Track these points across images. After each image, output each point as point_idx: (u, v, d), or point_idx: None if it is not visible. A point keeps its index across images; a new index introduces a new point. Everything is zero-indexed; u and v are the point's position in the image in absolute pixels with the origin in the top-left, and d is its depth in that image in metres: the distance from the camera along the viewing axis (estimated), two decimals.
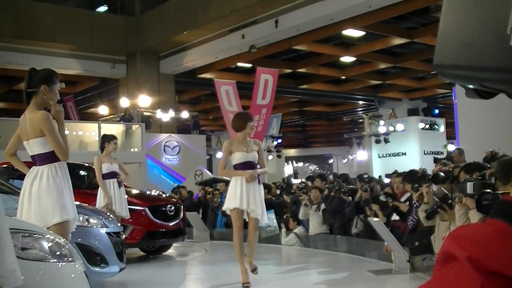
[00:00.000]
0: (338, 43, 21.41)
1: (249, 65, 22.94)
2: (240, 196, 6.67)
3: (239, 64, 22.91)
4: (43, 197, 4.61)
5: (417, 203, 7.38)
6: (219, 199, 13.08)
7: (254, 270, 6.80)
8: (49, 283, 2.83)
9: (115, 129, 19.48)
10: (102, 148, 8.83)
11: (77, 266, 3.09)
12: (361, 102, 31.59)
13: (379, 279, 7.13)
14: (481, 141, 11.57)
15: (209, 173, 21.75)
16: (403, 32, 19.72)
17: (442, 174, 5.80)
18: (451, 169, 5.94)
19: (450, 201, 5.33)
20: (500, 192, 2.19)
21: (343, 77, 26.14)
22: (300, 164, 39.46)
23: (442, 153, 25.31)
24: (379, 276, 7.24)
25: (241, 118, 7.06)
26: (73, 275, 3.03)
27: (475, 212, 4.39)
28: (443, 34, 1.05)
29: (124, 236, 6.91)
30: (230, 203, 6.81)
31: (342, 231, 10.02)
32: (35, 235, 2.94)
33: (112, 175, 8.60)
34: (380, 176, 19.29)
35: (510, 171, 2.95)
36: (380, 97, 30.18)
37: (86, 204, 6.84)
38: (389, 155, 25.88)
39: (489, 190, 2.22)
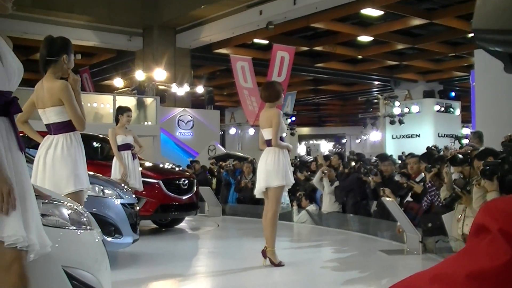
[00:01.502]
0: (356, 22, 21.23)
1: (266, 42, 22.83)
2: (289, 171, 6.46)
3: (256, 40, 22.80)
4: (57, 166, 4.62)
5: (429, 184, 7.37)
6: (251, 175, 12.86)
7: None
8: (68, 250, 2.86)
9: (130, 101, 19.50)
10: (116, 120, 8.85)
11: (95, 234, 3.11)
12: (376, 83, 31.41)
13: (391, 259, 7.14)
14: (498, 125, 11.47)
15: (223, 148, 21.80)
16: (422, 12, 19.50)
17: (460, 156, 5.77)
18: (469, 151, 5.91)
19: (468, 188, 5.30)
20: None
21: (360, 57, 25.96)
22: (313, 141, 39.36)
23: (458, 136, 25.18)
24: (391, 256, 7.24)
25: (278, 88, 6.68)
26: (91, 243, 3.06)
27: (493, 194, 4.38)
28: None
29: (138, 208, 6.95)
30: (286, 178, 6.38)
31: (354, 210, 10.02)
32: (55, 202, 2.95)
33: (126, 147, 8.61)
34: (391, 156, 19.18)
35: None
36: (396, 78, 29.98)
37: (101, 175, 6.87)
38: (403, 136, 25.74)
39: None
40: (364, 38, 22.79)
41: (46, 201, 2.90)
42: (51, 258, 2.70)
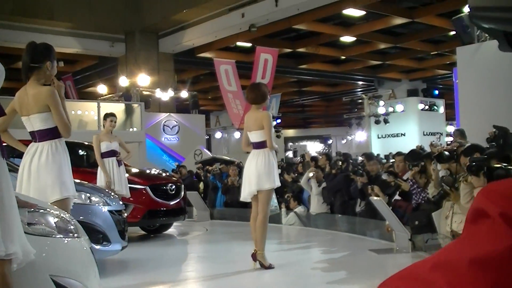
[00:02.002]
0: (338, 23, 21.30)
1: (249, 45, 22.83)
2: (277, 173, 6.47)
3: (239, 43, 22.80)
4: (42, 174, 4.56)
5: (411, 182, 7.41)
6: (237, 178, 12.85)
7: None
8: (55, 259, 2.81)
9: (115, 108, 19.39)
10: (104, 125, 8.81)
11: (83, 242, 3.06)
12: (360, 83, 31.53)
13: (381, 257, 7.14)
14: (482, 121, 11.52)
15: (209, 152, 21.74)
16: (403, 11, 19.61)
17: (446, 153, 5.78)
18: (455, 148, 5.92)
19: (456, 185, 5.31)
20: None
21: (343, 57, 26.05)
22: (298, 143, 39.39)
23: (441, 134, 25.32)
24: (381, 255, 7.24)
25: (264, 89, 6.62)
26: (79, 251, 3.01)
27: (479, 190, 4.38)
28: None
29: (125, 214, 6.89)
30: (277, 180, 6.41)
31: (342, 210, 10.03)
32: (41, 210, 2.91)
33: (111, 153, 8.54)
34: (378, 155, 19.26)
35: None
36: (380, 77, 30.12)
37: (87, 182, 6.81)
38: (388, 135, 25.85)
39: (500, 165, 2.20)
40: (347, 39, 22.87)
41: (32, 209, 2.85)
42: (38, 267, 2.66)
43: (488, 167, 4.18)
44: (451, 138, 25.40)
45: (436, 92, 30.45)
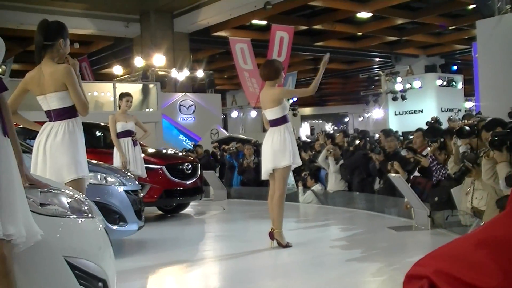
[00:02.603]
0: None
1: (264, 22, 22.66)
2: (296, 150, 6.37)
3: (254, 21, 22.63)
4: (59, 153, 4.52)
5: (431, 159, 7.30)
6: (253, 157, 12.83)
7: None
8: (69, 239, 2.77)
9: (130, 88, 19.38)
10: (119, 106, 8.78)
11: (97, 222, 3.02)
12: (377, 59, 31.22)
13: (400, 235, 7.06)
14: (503, 96, 11.35)
15: (225, 132, 21.72)
16: None
17: (467, 128, 5.66)
18: (476, 123, 5.80)
19: (478, 162, 5.19)
20: None
21: (360, 34, 25.77)
22: (316, 121, 39.26)
23: (459, 110, 25.04)
24: (400, 232, 7.16)
25: (278, 66, 6.52)
26: (93, 232, 2.97)
27: (502, 165, 4.28)
28: None
29: (142, 194, 6.87)
30: (294, 158, 6.29)
31: (360, 187, 9.95)
32: (54, 191, 2.86)
33: (126, 133, 8.50)
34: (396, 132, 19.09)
35: None
36: (397, 53, 29.78)
37: (103, 163, 6.78)
38: (406, 112, 25.61)
39: None
40: (363, 14, 22.59)
41: (45, 190, 2.81)
42: (52, 248, 2.62)
43: (511, 141, 4.07)
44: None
45: (455, 67, 30.10)
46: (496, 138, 4.26)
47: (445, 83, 25.70)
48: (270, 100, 6.29)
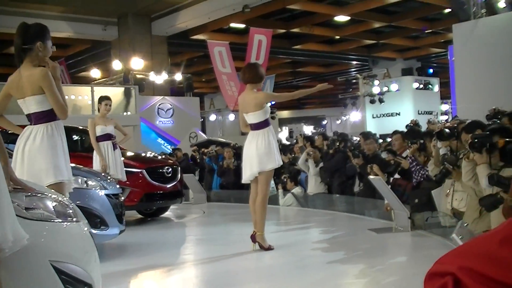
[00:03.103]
0: (332, 2, 21.17)
1: (243, 26, 22.67)
2: (278, 152, 6.41)
3: (232, 24, 22.64)
4: (36, 157, 4.48)
5: (410, 160, 7.37)
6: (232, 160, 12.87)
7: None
8: (55, 244, 2.74)
9: (108, 92, 19.22)
10: (99, 109, 8.73)
11: (82, 226, 3.00)
12: (354, 62, 31.42)
13: (380, 237, 7.11)
14: (480, 99, 11.49)
15: (204, 135, 21.68)
16: None
17: (447, 130, 5.72)
18: (456, 125, 5.87)
19: (458, 164, 5.25)
20: None
21: (337, 37, 25.92)
22: (294, 124, 39.33)
23: (435, 113, 25.31)
24: (380, 234, 7.21)
25: (259, 69, 6.52)
26: (79, 236, 2.95)
27: (482, 167, 4.34)
28: None
29: (122, 198, 6.83)
30: (279, 160, 6.34)
31: (340, 190, 9.99)
32: (39, 195, 2.84)
33: (106, 137, 8.46)
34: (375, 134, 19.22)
35: None
36: (374, 57, 30.01)
37: (83, 166, 6.73)
38: (383, 115, 25.83)
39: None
40: (341, 18, 22.73)
41: (30, 194, 2.78)
42: (37, 252, 2.59)
43: (491, 143, 4.13)
44: (445, 117, 25.45)
45: (431, 70, 30.41)
46: (476, 140, 4.31)
47: (421, 86, 25.99)
48: (253, 104, 6.28)
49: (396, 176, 7.87)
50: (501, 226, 0.74)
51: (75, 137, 10.46)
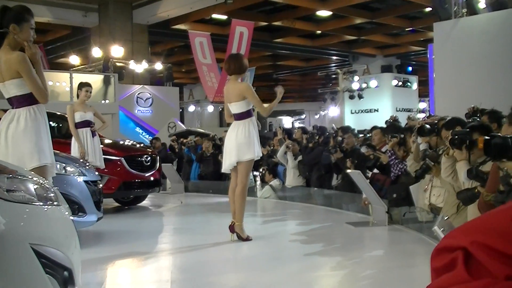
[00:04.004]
0: None
1: (225, 17, 22.60)
2: (259, 144, 6.41)
3: (214, 15, 22.56)
4: (20, 141, 4.44)
5: (390, 153, 7.43)
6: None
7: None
8: (35, 227, 2.71)
9: (87, 79, 19.02)
10: (77, 96, 8.64)
11: (63, 210, 2.97)
12: (335, 58, 31.53)
13: (358, 230, 7.16)
14: (458, 97, 11.60)
15: (182, 125, 21.59)
16: None
17: (427, 126, 5.77)
18: (436, 121, 5.92)
19: (439, 160, 5.30)
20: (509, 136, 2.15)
21: (319, 32, 25.95)
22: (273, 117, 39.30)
23: (414, 110, 25.50)
24: (358, 228, 7.26)
25: (243, 59, 6.54)
26: (60, 220, 2.92)
27: (462, 163, 4.38)
28: None
29: (101, 185, 6.78)
30: (258, 151, 6.36)
31: (319, 183, 10.04)
32: (20, 177, 2.81)
33: (85, 124, 8.39)
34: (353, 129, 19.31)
35: None
36: (355, 53, 30.15)
37: (62, 152, 6.67)
38: (362, 111, 25.92)
39: (498, 134, 2.17)
40: (323, 13, 22.77)
41: (11, 175, 2.75)
42: (18, 235, 2.57)
43: (470, 140, 4.17)
44: (423, 115, 25.67)
45: (410, 68, 30.62)
46: (456, 137, 4.35)
47: (400, 83, 26.13)
48: (236, 94, 6.30)
49: (375, 171, 7.92)
50: (510, 204, 0.74)
51: (53, 123, 10.34)
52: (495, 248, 0.68)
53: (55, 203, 2.92)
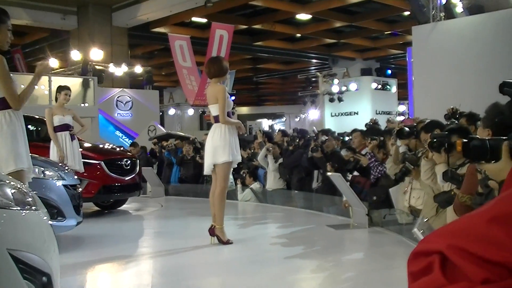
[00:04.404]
0: (294, 0, 21.22)
1: (205, 20, 22.58)
2: (236, 148, 6.37)
3: (194, 18, 22.52)
4: None
5: (370, 155, 7.47)
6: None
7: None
8: (13, 232, 2.68)
9: (66, 82, 18.88)
10: (56, 99, 8.57)
11: (41, 215, 2.94)
12: (314, 61, 31.63)
13: (338, 233, 7.18)
14: (436, 100, 11.70)
15: (163, 128, 21.51)
16: None
17: (407, 129, 5.81)
18: (415, 124, 5.96)
19: (418, 163, 5.34)
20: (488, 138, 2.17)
21: (298, 35, 26.03)
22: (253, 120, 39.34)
23: (394, 113, 25.66)
24: (338, 230, 7.28)
25: (224, 62, 6.49)
26: (38, 224, 2.89)
27: (441, 166, 4.42)
28: None
29: (80, 189, 6.73)
30: (233, 154, 6.28)
31: (299, 186, 10.05)
32: None
33: (64, 127, 8.34)
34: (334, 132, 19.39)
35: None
36: (334, 56, 30.27)
37: (40, 156, 6.60)
38: (342, 114, 26.03)
39: (476, 136, 2.20)
40: (303, 16, 22.84)
41: None
42: None
43: (449, 143, 4.21)
44: (402, 117, 25.85)
45: (389, 71, 30.81)
46: (435, 140, 4.39)
47: (380, 86, 26.28)
48: (214, 96, 6.30)
49: (355, 173, 7.96)
50: (488, 206, 0.75)
51: (32, 127, 10.24)
52: (471, 251, 0.69)
53: (33, 207, 2.89)
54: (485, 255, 0.68)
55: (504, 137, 2.21)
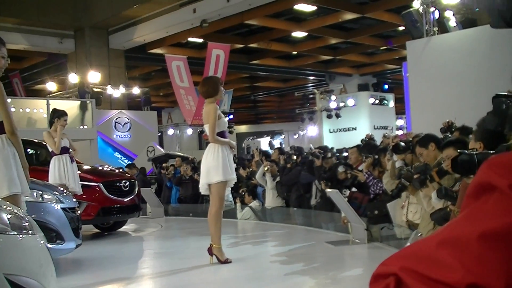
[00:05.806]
0: (290, 18, 21.39)
1: (201, 40, 22.71)
2: (230, 167, 6.38)
3: (191, 39, 22.66)
4: None
5: (367, 174, 7.50)
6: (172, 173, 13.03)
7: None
8: (10, 257, 2.70)
9: (64, 105, 18.99)
10: (51, 123, 8.57)
11: (38, 239, 2.96)
12: (311, 78, 31.77)
13: (337, 249, 7.18)
14: (433, 113, 11.75)
15: (161, 149, 21.54)
16: (354, 7, 19.82)
17: (402, 144, 5.85)
18: (411, 139, 6.00)
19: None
20: (478, 152, 2.20)
21: (295, 53, 26.18)
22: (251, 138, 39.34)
23: (391, 128, 25.73)
24: (337, 246, 7.29)
25: (215, 82, 6.54)
26: (34, 248, 2.91)
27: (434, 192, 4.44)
28: None
29: (79, 211, 6.74)
30: (227, 174, 6.26)
31: (298, 203, 10.07)
32: None
33: (64, 150, 8.37)
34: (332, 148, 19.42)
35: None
36: (331, 72, 30.40)
37: (39, 180, 6.62)
38: (340, 130, 26.08)
39: (464, 151, 2.22)
40: (298, 34, 22.99)
41: None
42: None
43: (430, 176, 4.25)
44: (401, 132, 25.90)
45: (386, 86, 30.93)
46: (417, 178, 4.41)
47: (377, 101, 26.37)
48: (207, 115, 6.34)
49: (353, 189, 7.98)
50: (439, 231, 0.79)
51: (30, 151, 10.27)
52: (422, 273, 0.72)
53: (29, 232, 2.91)
54: (434, 276, 0.71)
55: (491, 151, 2.25)
